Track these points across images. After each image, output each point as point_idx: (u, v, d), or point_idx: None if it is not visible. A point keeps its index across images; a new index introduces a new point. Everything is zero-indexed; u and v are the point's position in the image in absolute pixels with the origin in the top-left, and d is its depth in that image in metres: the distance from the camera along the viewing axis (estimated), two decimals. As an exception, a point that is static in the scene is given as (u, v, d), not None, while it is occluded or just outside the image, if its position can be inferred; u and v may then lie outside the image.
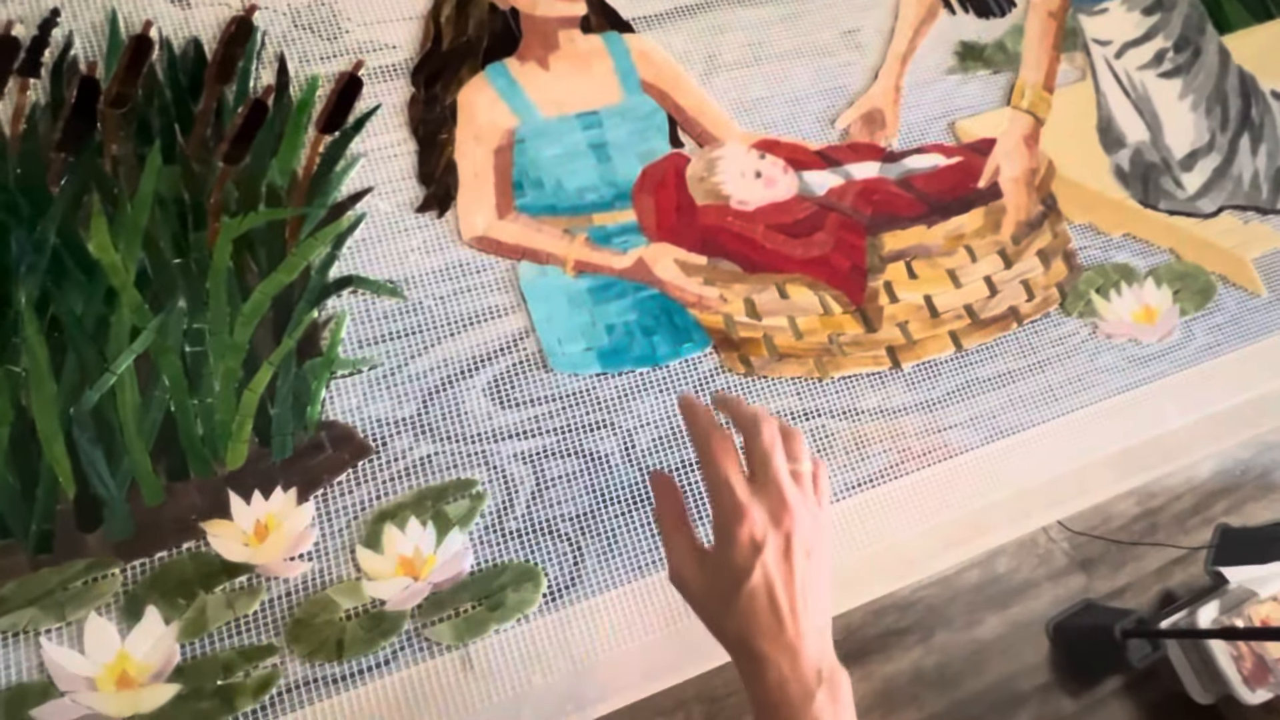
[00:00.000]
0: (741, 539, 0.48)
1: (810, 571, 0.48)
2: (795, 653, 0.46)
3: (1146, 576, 0.84)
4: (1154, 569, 0.85)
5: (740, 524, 0.48)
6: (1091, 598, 0.82)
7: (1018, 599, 0.81)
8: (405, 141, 0.79)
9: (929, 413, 0.79)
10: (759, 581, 0.47)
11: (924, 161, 0.89)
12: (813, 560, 0.49)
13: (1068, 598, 0.82)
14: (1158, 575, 0.85)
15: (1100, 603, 0.82)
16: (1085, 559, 0.84)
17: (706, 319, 0.78)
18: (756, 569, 0.47)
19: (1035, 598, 0.82)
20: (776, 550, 0.48)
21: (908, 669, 0.77)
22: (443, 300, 0.74)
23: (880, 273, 0.82)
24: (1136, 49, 1.00)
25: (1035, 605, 0.81)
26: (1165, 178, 0.95)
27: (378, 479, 0.68)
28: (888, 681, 0.76)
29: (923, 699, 0.76)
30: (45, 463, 0.63)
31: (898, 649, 0.77)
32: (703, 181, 0.82)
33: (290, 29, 0.80)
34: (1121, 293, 0.88)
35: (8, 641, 0.59)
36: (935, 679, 0.77)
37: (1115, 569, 0.84)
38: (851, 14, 0.95)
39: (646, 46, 0.87)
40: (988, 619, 0.80)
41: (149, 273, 0.69)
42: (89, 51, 0.75)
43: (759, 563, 0.47)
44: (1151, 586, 0.84)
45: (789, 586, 0.47)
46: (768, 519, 0.48)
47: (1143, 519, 0.86)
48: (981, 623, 0.80)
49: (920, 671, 0.77)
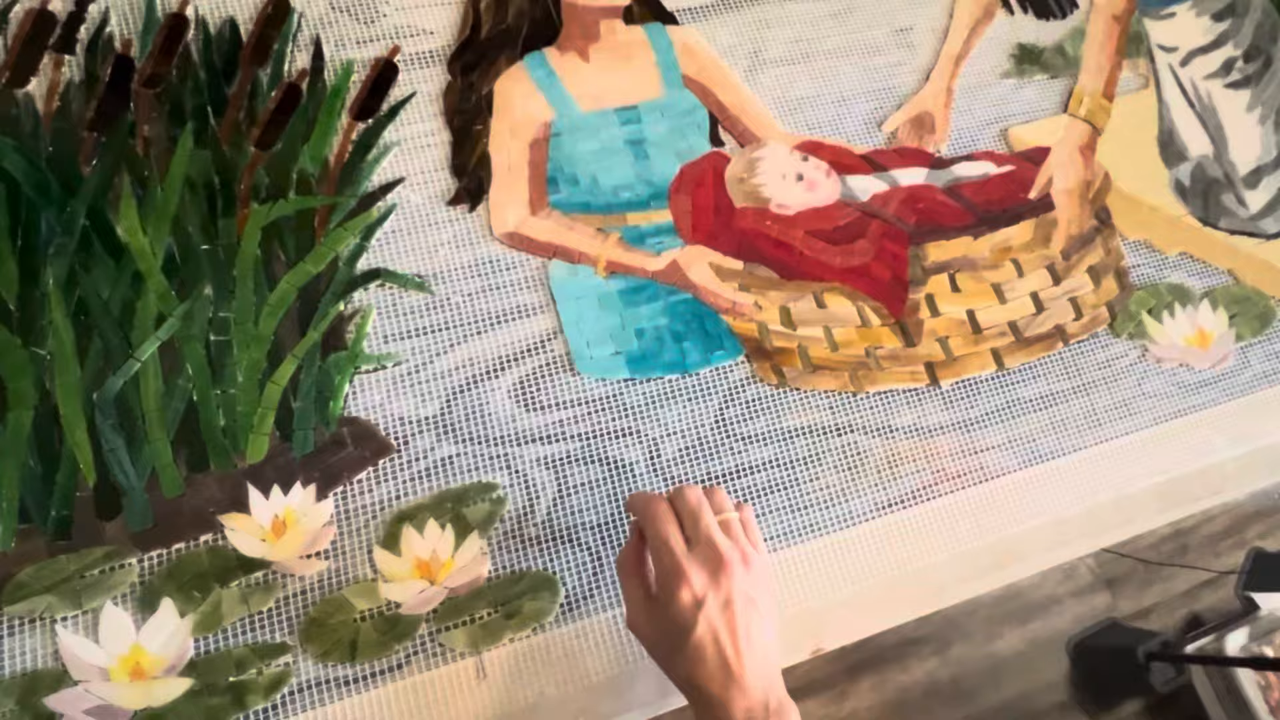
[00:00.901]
0: (683, 599, 0.52)
1: (753, 616, 0.52)
2: (743, 690, 0.51)
3: (1174, 598, 0.82)
4: (1182, 591, 0.82)
5: (681, 585, 0.52)
6: (1116, 617, 0.80)
7: (1039, 614, 0.79)
8: (439, 131, 0.77)
9: (966, 433, 0.76)
10: (703, 633, 0.51)
11: (973, 169, 0.85)
12: (754, 604, 0.53)
13: (1091, 616, 0.80)
14: (1186, 597, 0.82)
15: (1125, 623, 0.80)
16: (1111, 577, 0.81)
17: (740, 326, 0.76)
18: (700, 623, 0.51)
19: (1057, 614, 0.79)
20: (717, 604, 0.52)
21: (922, 680, 0.75)
22: (471, 297, 0.73)
23: (922, 285, 0.79)
24: (1204, 57, 0.95)
25: (1057, 622, 0.79)
26: (1227, 195, 0.91)
27: (398, 478, 0.67)
28: (901, 692, 0.75)
29: (936, 712, 0.75)
30: (66, 448, 0.63)
31: (913, 659, 0.76)
32: (742, 183, 0.80)
33: (327, 11, 0.79)
34: (1175, 315, 0.84)
35: (24, 627, 0.59)
36: (950, 692, 0.75)
37: (1142, 589, 0.82)
38: (905, 11, 0.91)
39: (690, 40, 0.84)
40: (1007, 633, 0.78)
41: (176, 258, 0.68)
42: (124, 29, 0.74)
43: (701, 617, 0.51)
44: (1179, 609, 0.82)
45: (733, 634, 0.51)
46: (706, 577, 0.52)
47: (1173, 539, 0.84)
48: (1000, 637, 0.78)
49: (935, 684, 0.75)
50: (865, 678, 0.76)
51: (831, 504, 0.72)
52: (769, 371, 0.76)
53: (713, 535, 0.54)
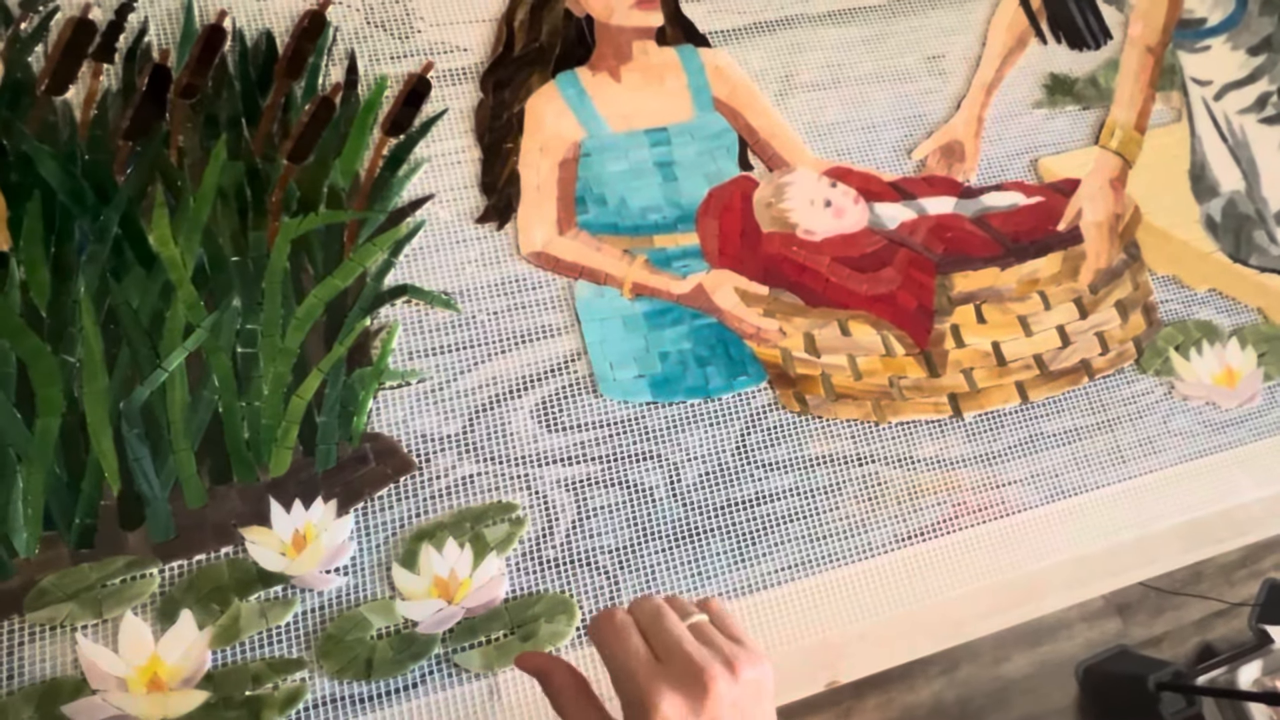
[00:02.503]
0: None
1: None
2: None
3: (1186, 627, 0.81)
4: (1195, 620, 0.82)
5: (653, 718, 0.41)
6: (1126, 644, 0.79)
7: (1049, 638, 0.79)
8: (470, 149, 0.77)
9: (988, 466, 0.76)
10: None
11: (1002, 199, 0.85)
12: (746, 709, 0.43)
13: (1101, 642, 0.79)
14: (1198, 627, 0.82)
15: (1135, 650, 0.79)
16: (1123, 604, 0.81)
17: (763, 352, 0.76)
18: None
19: (1067, 639, 0.79)
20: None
21: (928, 700, 0.75)
22: (496, 316, 0.73)
23: (948, 315, 0.78)
24: (1238, 91, 0.94)
25: (1066, 646, 0.79)
26: (1259, 231, 0.90)
27: (418, 496, 0.67)
28: (906, 712, 0.74)
29: (940, 732, 0.74)
30: (92, 457, 0.63)
31: (920, 679, 0.75)
32: (770, 207, 0.80)
33: (363, 26, 0.79)
34: (1203, 352, 0.83)
35: (45, 634, 0.60)
36: (956, 713, 0.75)
37: (1154, 616, 0.81)
38: (937, 38, 0.91)
39: (722, 62, 0.84)
40: (1016, 656, 0.78)
41: (206, 269, 0.69)
42: (163, 39, 0.75)
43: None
44: (1190, 638, 0.81)
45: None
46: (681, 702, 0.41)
47: (1187, 567, 0.83)
48: (1009, 659, 0.78)
49: (941, 704, 0.75)
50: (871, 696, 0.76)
51: (851, 534, 0.72)
52: (792, 399, 0.75)
53: (684, 646, 0.43)
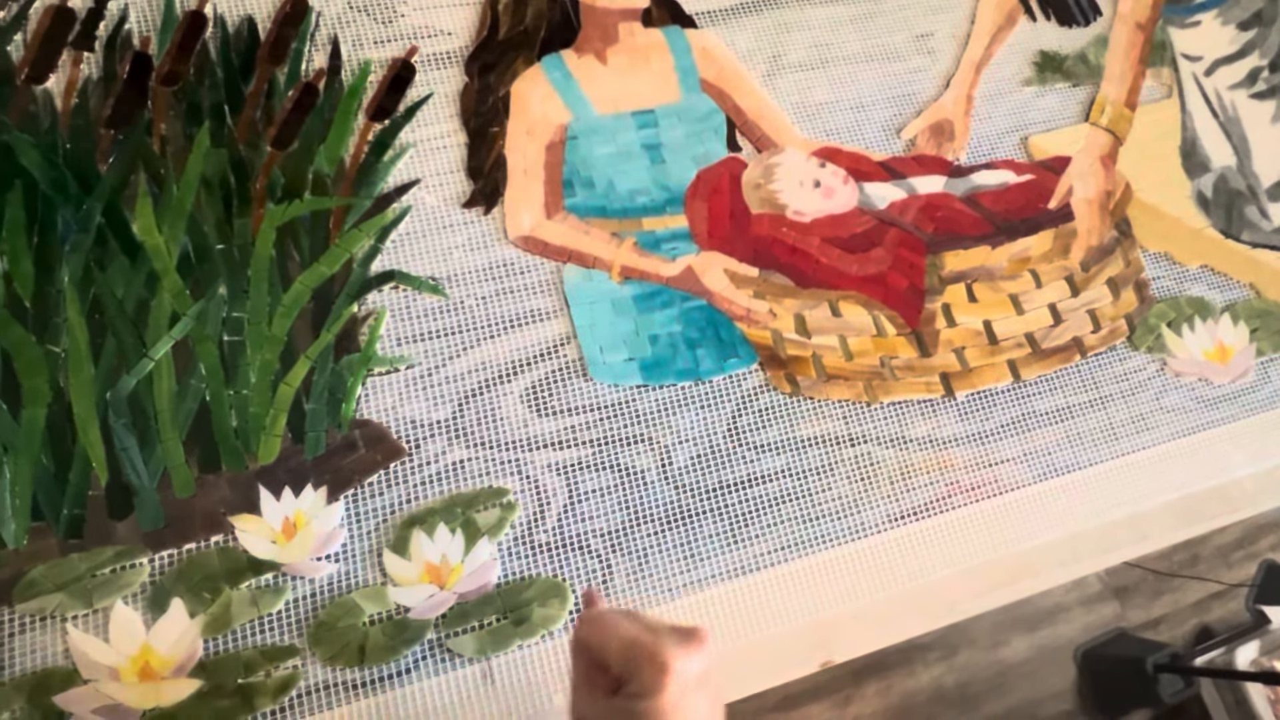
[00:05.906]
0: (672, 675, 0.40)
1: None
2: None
3: (1184, 609, 0.82)
4: (1192, 602, 0.82)
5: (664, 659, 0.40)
6: (1124, 627, 0.79)
7: (1047, 622, 0.79)
8: (455, 133, 0.77)
9: (980, 445, 0.76)
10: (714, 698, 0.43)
11: (992, 178, 0.85)
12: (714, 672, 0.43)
13: (1099, 625, 0.79)
14: (1196, 609, 0.82)
15: (1133, 633, 0.79)
16: (1120, 586, 0.81)
17: (754, 334, 0.76)
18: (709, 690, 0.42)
19: (1065, 622, 0.79)
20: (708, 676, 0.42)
21: (928, 685, 0.75)
22: (484, 301, 0.73)
23: (939, 294, 0.78)
24: (1229, 66, 0.94)
25: (1065, 630, 0.79)
26: (1250, 207, 0.90)
27: (409, 482, 0.67)
28: (906, 697, 0.74)
29: (941, 718, 0.74)
30: (79, 447, 0.63)
31: (920, 664, 0.76)
32: (759, 188, 0.79)
33: (345, 10, 0.78)
34: (1195, 328, 0.83)
35: (35, 625, 0.59)
36: (955, 698, 0.75)
37: (1151, 599, 0.81)
38: (926, 17, 0.91)
39: (709, 43, 0.84)
40: (1014, 640, 0.78)
41: (191, 258, 0.68)
42: (143, 26, 0.74)
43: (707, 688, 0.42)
44: (1188, 620, 0.82)
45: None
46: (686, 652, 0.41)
47: (1184, 549, 0.83)
48: (1007, 644, 0.78)
49: (940, 689, 0.75)
50: (871, 683, 0.76)
51: (844, 515, 0.72)
52: (783, 380, 0.75)
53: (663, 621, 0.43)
